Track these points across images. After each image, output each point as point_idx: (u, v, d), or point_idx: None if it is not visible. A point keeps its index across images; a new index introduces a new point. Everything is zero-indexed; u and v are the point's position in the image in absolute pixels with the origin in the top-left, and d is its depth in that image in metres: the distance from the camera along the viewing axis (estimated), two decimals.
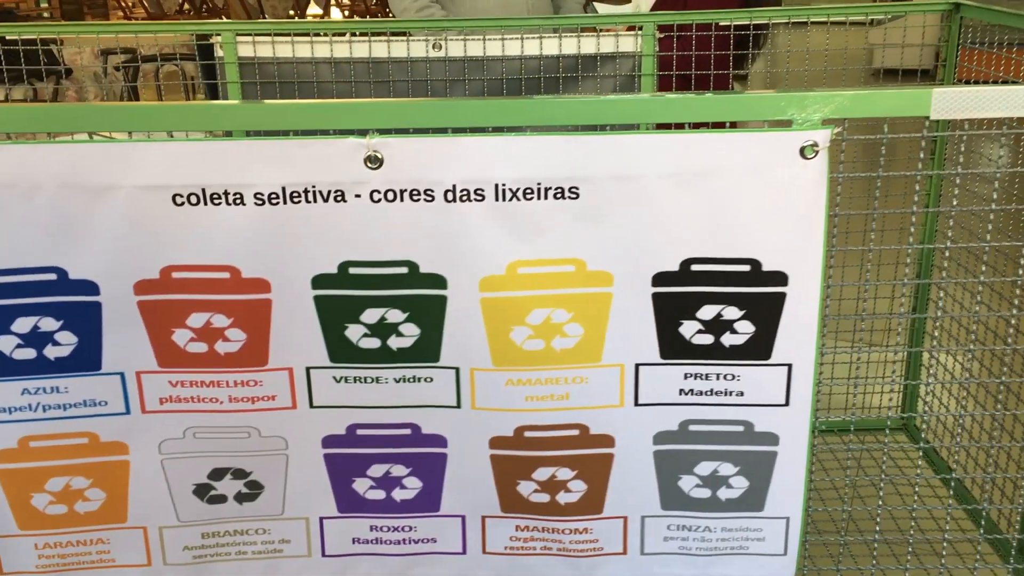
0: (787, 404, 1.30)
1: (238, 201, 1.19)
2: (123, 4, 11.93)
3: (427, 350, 1.28)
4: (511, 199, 1.21)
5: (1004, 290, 2.09)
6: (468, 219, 1.21)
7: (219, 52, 2.35)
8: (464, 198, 1.20)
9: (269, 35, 2.35)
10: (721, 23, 2.51)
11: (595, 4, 3.65)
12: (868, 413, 2.80)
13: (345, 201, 1.19)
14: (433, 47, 2.41)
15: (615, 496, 1.36)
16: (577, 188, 1.20)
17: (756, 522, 1.36)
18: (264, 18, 10.70)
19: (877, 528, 1.47)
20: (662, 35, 2.40)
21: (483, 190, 1.20)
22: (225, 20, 2.37)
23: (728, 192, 1.20)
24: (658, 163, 1.19)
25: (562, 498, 1.36)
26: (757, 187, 1.20)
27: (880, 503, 1.55)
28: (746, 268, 1.24)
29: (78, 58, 5.64)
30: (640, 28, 2.41)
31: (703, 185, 1.20)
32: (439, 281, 1.24)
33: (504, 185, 1.20)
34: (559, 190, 1.21)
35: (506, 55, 2.40)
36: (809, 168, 1.19)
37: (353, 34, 2.37)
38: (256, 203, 1.19)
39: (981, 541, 1.66)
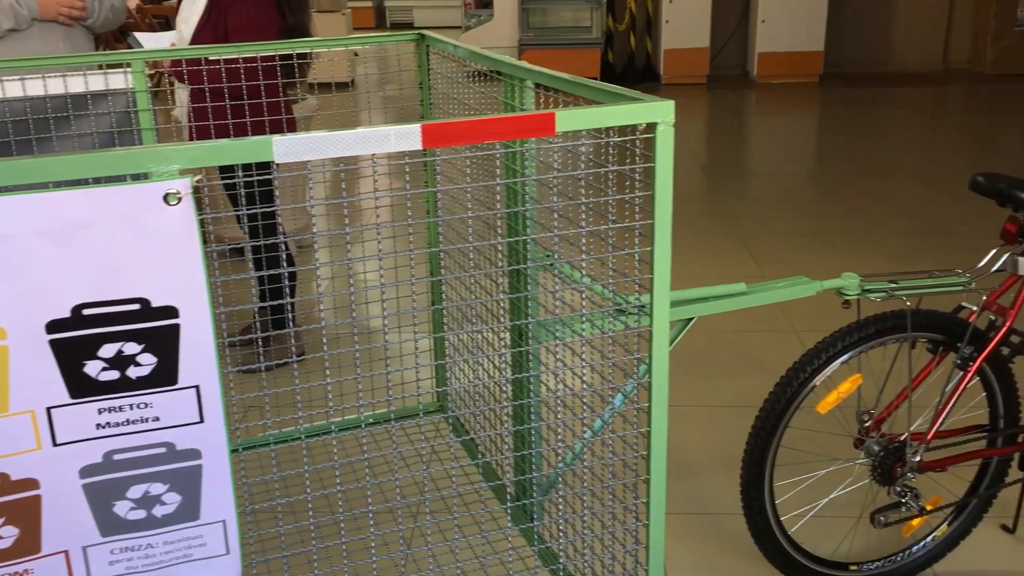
0: (202, 421, 1.45)
1: None
2: None
3: None
4: None
5: (484, 281, 2.45)
6: None
7: None
8: None
9: None
10: (264, 54, 2.62)
11: (136, 36, 3.61)
12: (406, 402, 3.11)
13: None
14: None
15: (51, 534, 1.43)
16: None
17: (195, 530, 1.50)
18: None
19: (307, 512, 1.69)
20: (152, 71, 2.48)
21: None
22: None
23: (105, 241, 1.32)
24: (29, 222, 1.28)
25: None
26: (131, 234, 1.33)
27: (356, 481, 1.77)
28: (136, 307, 1.37)
29: None
30: (129, 65, 2.45)
31: (79, 237, 1.31)
32: None
33: None
34: None
35: None
36: (176, 213, 1.34)
37: None
38: None
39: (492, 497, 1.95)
